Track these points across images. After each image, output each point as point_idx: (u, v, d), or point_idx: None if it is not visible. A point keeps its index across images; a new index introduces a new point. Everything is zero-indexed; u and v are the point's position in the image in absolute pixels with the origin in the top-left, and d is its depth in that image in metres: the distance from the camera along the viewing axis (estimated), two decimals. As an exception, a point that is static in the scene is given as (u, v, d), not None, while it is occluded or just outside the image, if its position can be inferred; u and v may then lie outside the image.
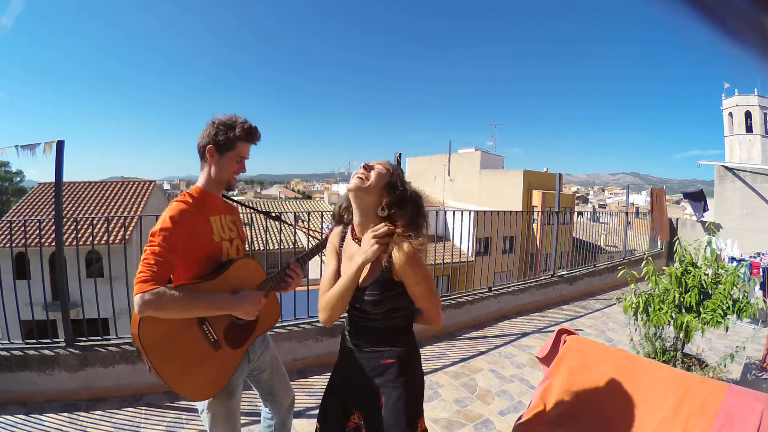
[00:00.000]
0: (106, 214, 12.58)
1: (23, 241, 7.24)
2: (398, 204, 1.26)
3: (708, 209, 7.70)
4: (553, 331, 2.20)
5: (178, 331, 1.32)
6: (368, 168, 1.29)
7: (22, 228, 4.87)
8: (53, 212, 2.74)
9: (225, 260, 1.47)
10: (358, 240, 1.33)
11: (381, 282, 1.26)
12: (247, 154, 1.50)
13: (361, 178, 1.26)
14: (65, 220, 2.86)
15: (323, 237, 1.67)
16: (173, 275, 1.38)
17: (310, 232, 1.81)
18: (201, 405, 1.48)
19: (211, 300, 1.34)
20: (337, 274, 1.38)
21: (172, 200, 1.45)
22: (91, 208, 13.86)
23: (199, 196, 1.46)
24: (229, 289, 1.41)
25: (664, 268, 2.98)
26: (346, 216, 1.41)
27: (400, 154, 3.59)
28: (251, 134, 1.46)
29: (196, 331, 1.36)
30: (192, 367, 1.35)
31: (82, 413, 2.48)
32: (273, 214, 1.95)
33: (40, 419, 2.41)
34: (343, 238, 1.42)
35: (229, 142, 1.43)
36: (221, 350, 1.41)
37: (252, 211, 2.05)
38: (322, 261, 1.51)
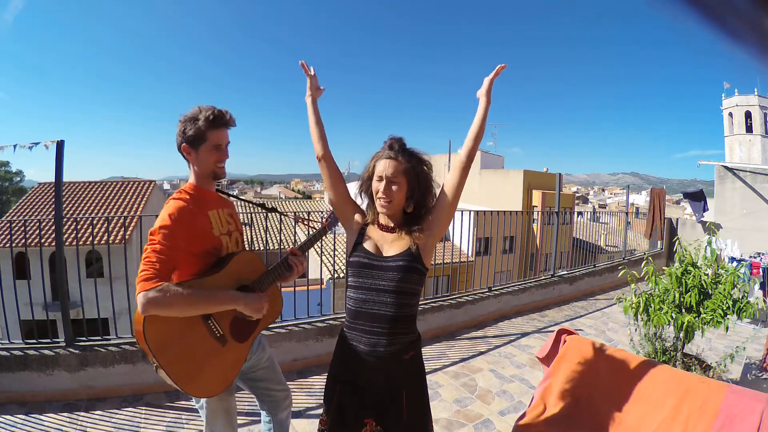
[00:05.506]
0: (106, 214, 12.58)
1: (23, 241, 7.24)
2: (420, 196, 1.37)
3: (708, 209, 7.69)
4: (553, 331, 2.20)
5: (184, 329, 1.30)
6: (389, 189, 1.32)
7: (22, 228, 4.87)
8: (53, 212, 2.74)
9: (225, 254, 1.47)
10: (385, 228, 1.38)
11: (409, 253, 1.31)
12: (224, 140, 1.47)
13: (387, 202, 1.32)
14: (65, 220, 2.86)
15: (321, 225, 1.69)
16: (173, 274, 1.37)
17: (310, 223, 1.82)
18: (200, 401, 1.48)
19: (215, 296, 1.33)
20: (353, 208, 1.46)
21: (168, 198, 1.45)
22: (91, 208, 13.87)
23: (195, 192, 1.46)
24: (231, 283, 1.41)
25: (664, 268, 2.98)
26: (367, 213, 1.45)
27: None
28: (216, 120, 1.42)
29: (201, 327, 1.35)
30: (201, 365, 1.34)
31: (82, 413, 2.48)
32: (268, 206, 1.93)
33: (40, 419, 2.41)
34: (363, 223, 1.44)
35: (198, 134, 1.41)
36: (228, 344, 1.41)
37: (246, 203, 2.02)
38: (321, 259, 1.51)
